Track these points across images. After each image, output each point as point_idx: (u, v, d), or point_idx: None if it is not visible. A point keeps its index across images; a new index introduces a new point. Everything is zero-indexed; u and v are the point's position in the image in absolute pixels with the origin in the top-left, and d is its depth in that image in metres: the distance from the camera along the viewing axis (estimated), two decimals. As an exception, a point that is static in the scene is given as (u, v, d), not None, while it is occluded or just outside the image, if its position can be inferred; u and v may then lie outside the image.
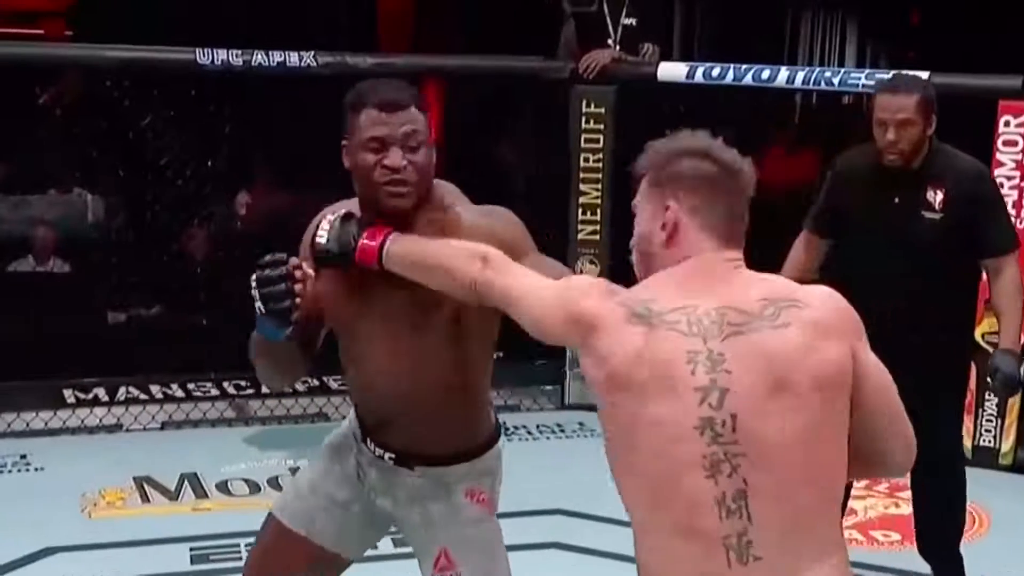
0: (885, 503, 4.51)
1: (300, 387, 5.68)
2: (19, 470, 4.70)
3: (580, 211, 5.43)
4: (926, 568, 3.85)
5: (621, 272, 3.32)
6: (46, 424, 5.11)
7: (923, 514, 3.71)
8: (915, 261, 3.44)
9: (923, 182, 3.44)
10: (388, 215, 2.21)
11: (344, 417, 2.52)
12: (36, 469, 4.71)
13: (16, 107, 6.26)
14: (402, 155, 2.18)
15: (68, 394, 5.46)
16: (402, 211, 2.21)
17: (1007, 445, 4.85)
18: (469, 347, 2.29)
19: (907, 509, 4.42)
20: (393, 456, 2.35)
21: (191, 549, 3.98)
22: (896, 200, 3.45)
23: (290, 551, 2.46)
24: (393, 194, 2.19)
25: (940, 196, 3.42)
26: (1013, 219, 4.13)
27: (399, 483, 2.38)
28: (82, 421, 5.15)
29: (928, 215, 3.43)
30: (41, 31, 8.29)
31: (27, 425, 5.08)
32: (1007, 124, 4.73)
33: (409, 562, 2.51)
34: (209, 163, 5.99)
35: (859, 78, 5.08)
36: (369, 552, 2.60)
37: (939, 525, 3.66)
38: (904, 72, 3.58)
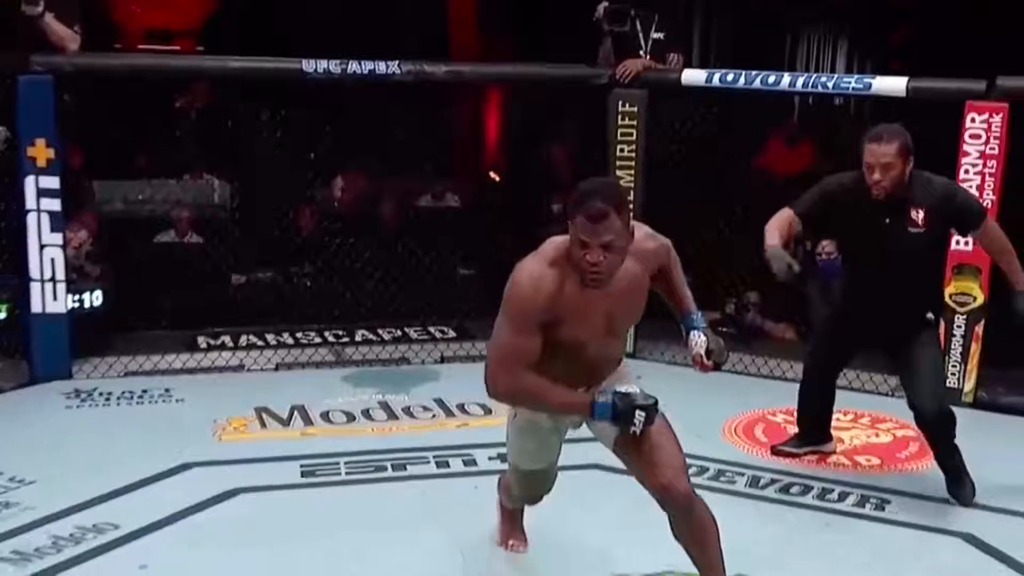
0: (867, 433, 4.50)
1: (386, 336, 5.74)
2: (164, 401, 4.78)
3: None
4: (898, 486, 3.91)
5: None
6: (184, 365, 5.19)
7: (932, 444, 3.85)
8: (905, 264, 3.70)
9: (907, 205, 3.66)
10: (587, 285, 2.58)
11: (423, 362, 2.53)
12: (177, 400, 4.79)
13: (158, 110, 6.35)
14: (601, 253, 2.51)
15: (201, 341, 5.55)
16: (598, 289, 2.57)
17: (969, 385, 4.81)
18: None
19: (886, 438, 4.42)
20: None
21: (301, 466, 4.03)
22: (887, 222, 3.68)
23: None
24: (592, 279, 2.56)
25: (922, 214, 3.66)
26: (977, 198, 4.17)
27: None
28: (213, 362, 5.22)
29: (914, 230, 3.67)
30: (177, 47, 8.37)
31: (170, 365, 5.17)
32: (972, 120, 4.65)
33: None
34: (312, 155, 6.04)
35: (849, 82, 5.03)
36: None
37: (944, 441, 3.81)
38: (887, 125, 3.66)
